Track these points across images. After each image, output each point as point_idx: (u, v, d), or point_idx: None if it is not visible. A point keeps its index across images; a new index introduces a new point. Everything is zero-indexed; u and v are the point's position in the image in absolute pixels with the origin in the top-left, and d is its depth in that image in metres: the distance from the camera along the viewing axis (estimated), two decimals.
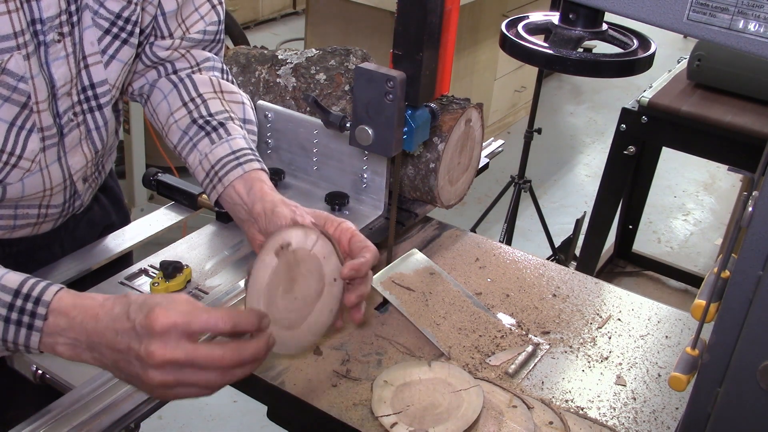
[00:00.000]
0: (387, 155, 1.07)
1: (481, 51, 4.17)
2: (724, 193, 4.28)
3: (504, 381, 1.08)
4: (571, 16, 0.90)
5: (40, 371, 1.03)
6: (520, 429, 0.99)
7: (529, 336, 1.18)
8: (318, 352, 1.11)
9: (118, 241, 1.30)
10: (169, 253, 1.28)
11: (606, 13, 0.90)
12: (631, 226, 3.13)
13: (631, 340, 1.19)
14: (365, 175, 1.39)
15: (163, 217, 1.39)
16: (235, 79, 1.28)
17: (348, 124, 1.11)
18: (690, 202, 4.19)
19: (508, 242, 3.16)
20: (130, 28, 1.07)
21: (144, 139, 3.12)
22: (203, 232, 1.35)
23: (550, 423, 1.01)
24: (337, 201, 1.39)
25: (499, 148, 1.75)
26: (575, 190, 4.19)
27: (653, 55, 0.92)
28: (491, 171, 1.78)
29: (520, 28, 0.96)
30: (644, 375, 1.12)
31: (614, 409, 1.06)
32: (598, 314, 1.24)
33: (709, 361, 0.79)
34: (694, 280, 3.08)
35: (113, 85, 1.10)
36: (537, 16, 0.98)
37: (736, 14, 0.68)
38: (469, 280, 1.30)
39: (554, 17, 0.93)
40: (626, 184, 2.78)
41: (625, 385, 1.10)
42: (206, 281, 1.22)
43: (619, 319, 1.24)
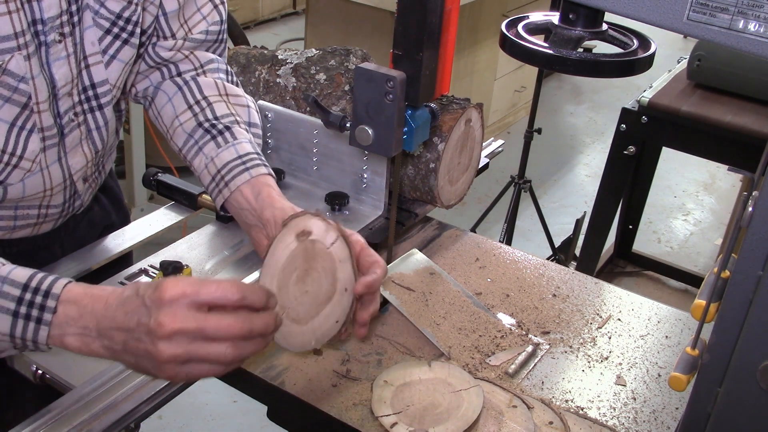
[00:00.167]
0: (387, 155, 1.07)
1: (481, 51, 4.17)
2: (724, 193, 4.28)
3: (504, 381, 1.08)
4: (571, 16, 0.90)
5: (40, 371, 1.03)
6: (520, 429, 0.99)
7: (529, 336, 1.18)
8: (318, 352, 1.11)
9: (118, 241, 1.31)
10: (169, 253, 1.28)
11: (606, 13, 0.90)
12: (631, 226, 3.13)
13: (631, 340, 1.19)
14: (365, 175, 1.39)
15: (163, 217, 1.39)
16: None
17: (348, 124, 1.11)
18: (690, 202, 4.19)
19: (508, 242, 3.16)
20: (130, 28, 1.08)
21: (144, 139, 3.12)
22: (203, 232, 1.35)
23: (550, 423, 1.01)
24: (337, 201, 1.39)
25: (499, 148, 1.75)
26: (575, 190, 4.20)
27: (653, 55, 0.92)
28: (491, 171, 1.78)
29: (520, 28, 0.96)
30: (644, 375, 1.12)
31: (614, 409, 1.06)
32: (598, 314, 1.24)
33: (709, 361, 0.79)
34: (694, 280, 3.08)
35: (114, 85, 1.10)
36: (537, 16, 0.98)
37: (736, 14, 0.68)
38: (469, 280, 1.30)
39: (554, 17, 0.93)
40: (626, 184, 2.78)
41: (625, 385, 1.10)
42: None
43: (619, 319, 1.24)
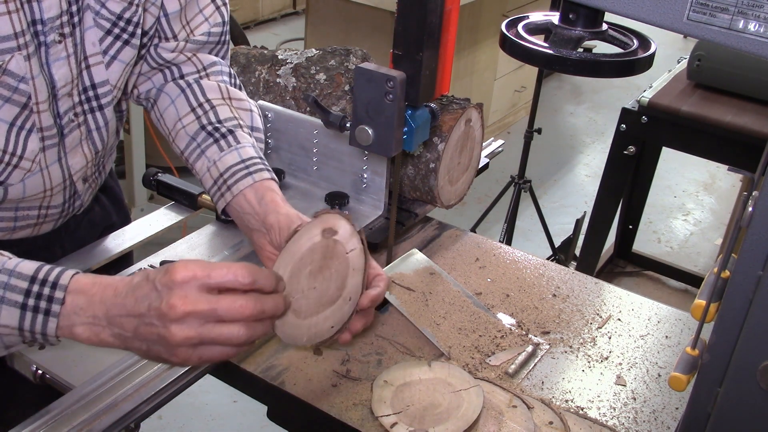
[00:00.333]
0: (387, 155, 1.07)
1: (481, 51, 4.17)
2: (724, 193, 4.28)
3: (504, 381, 1.08)
4: (571, 16, 0.90)
5: (40, 371, 1.03)
6: (520, 429, 0.99)
7: (529, 336, 1.18)
8: (318, 352, 1.11)
9: (118, 241, 1.30)
10: (169, 253, 1.28)
11: (606, 13, 0.90)
12: (631, 226, 3.13)
13: (631, 340, 1.19)
14: (365, 175, 1.39)
15: (163, 217, 1.39)
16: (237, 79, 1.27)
17: (348, 124, 1.11)
18: (690, 202, 4.19)
19: (508, 242, 3.16)
20: (131, 29, 1.07)
21: (144, 139, 3.12)
22: (203, 232, 1.35)
23: (550, 423, 1.01)
24: (337, 201, 1.39)
25: (499, 148, 1.75)
26: (575, 190, 4.20)
27: (653, 55, 0.92)
28: (491, 171, 1.78)
29: (520, 28, 0.96)
30: (644, 375, 1.12)
31: (614, 409, 1.06)
32: (598, 314, 1.24)
33: (709, 361, 0.79)
34: (694, 280, 3.08)
35: (114, 85, 1.10)
36: (537, 16, 0.98)
37: (736, 14, 0.68)
38: (469, 280, 1.30)
39: (554, 17, 0.93)
40: (626, 184, 2.78)
41: (625, 385, 1.10)
42: None
43: (619, 319, 1.24)
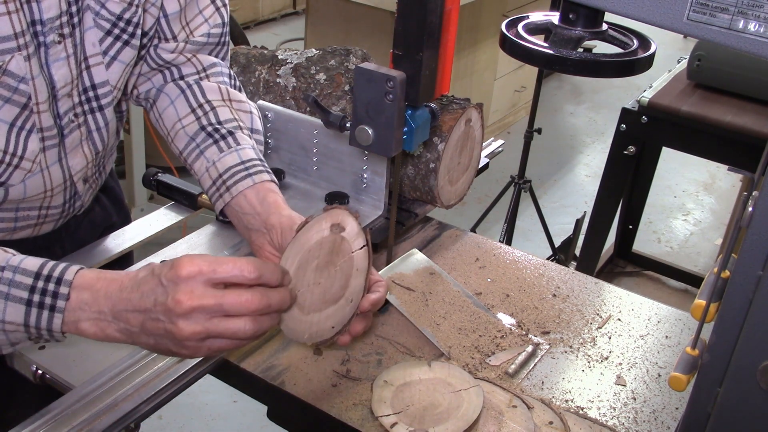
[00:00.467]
0: (387, 155, 1.07)
1: (481, 51, 4.17)
2: (724, 193, 4.28)
3: (504, 381, 1.08)
4: (571, 16, 0.90)
5: (40, 371, 1.03)
6: (520, 429, 0.99)
7: (529, 336, 1.18)
8: (318, 352, 1.11)
9: (119, 241, 1.30)
10: (169, 253, 1.28)
11: (606, 13, 0.90)
12: (631, 226, 3.13)
13: (631, 340, 1.19)
14: (365, 175, 1.39)
15: (163, 217, 1.39)
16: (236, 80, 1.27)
17: (348, 124, 1.11)
18: (690, 202, 4.19)
19: (508, 242, 3.16)
20: (131, 29, 1.07)
21: (144, 139, 3.12)
22: (203, 232, 1.35)
23: (550, 423, 1.01)
24: (337, 201, 1.39)
25: (499, 148, 1.75)
26: (575, 190, 4.19)
27: (653, 55, 0.92)
28: (491, 171, 1.78)
29: (520, 28, 0.96)
30: (644, 375, 1.12)
31: (614, 409, 1.06)
32: (598, 314, 1.24)
33: (709, 361, 0.79)
34: (694, 280, 3.08)
35: (114, 86, 1.10)
36: (537, 16, 0.98)
37: (736, 14, 0.68)
38: (469, 280, 1.30)
39: (554, 17, 0.93)
40: (626, 184, 2.78)
41: (625, 385, 1.10)
42: None
43: (619, 319, 1.24)
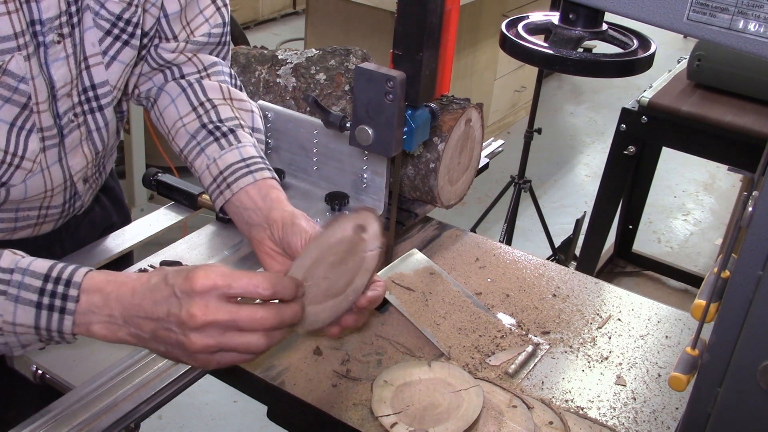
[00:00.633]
0: (387, 155, 1.07)
1: (481, 51, 4.17)
2: (724, 193, 4.28)
3: (504, 381, 1.08)
4: (571, 16, 0.90)
5: (40, 371, 1.03)
6: (520, 429, 0.99)
7: (529, 336, 1.18)
8: (318, 352, 1.11)
9: (119, 241, 1.30)
10: (169, 253, 1.28)
11: (606, 13, 0.90)
12: (631, 226, 3.13)
13: (631, 340, 1.19)
14: (365, 175, 1.39)
15: (163, 217, 1.39)
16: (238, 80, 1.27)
17: (348, 124, 1.11)
18: (690, 202, 4.19)
19: (508, 242, 3.17)
20: (131, 29, 1.07)
21: (144, 139, 3.12)
22: (203, 232, 1.35)
23: (550, 423, 1.01)
24: (337, 201, 1.39)
25: (499, 148, 1.75)
26: (575, 190, 4.19)
27: (653, 55, 0.92)
28: (491, 171, 1.78)
29: (520, 28, 0.96)
30: (644, 375, 1.12)
31: (614, 409, 1.06)
32: (598, 314, 1.24)
33: (709, 361, 0.79)
34: (694, 280, 3.08)
35: (114, 86, 1.10)
36: (537, 16, 0.98)
37: (736, 14, 0.68)
38: (469, 280, 1.30)
39: (554, 17, 0.93)
40: (626, 184, 2.78)
41: (625, 385, 1.10)
42: None
43: (619, 319, 1.24)
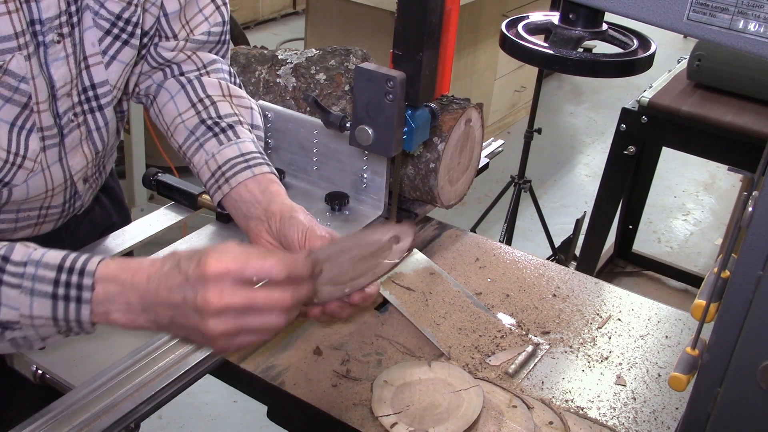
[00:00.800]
0: (387, 155, 1.07)
1: (481, 51, 4.17)
2: (724, 193, 4.28)
3: (504, 381, 1.08)
4: (571, 16, 0.90)
5: (40, 371, 1.03)
6: (520, 429, 0.99)
7: (529, 336, 1.18)
8: (318, 352, 1.11)
9: (119, 241, 1.30)
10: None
11: (606, 13, 0.90)
12: (631, 226, 3.13)
13: (631, 340, 1.19)
14: (365, 175, 1.39)
15: (163, 217, 1.39)
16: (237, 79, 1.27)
17: (348, 124, 1.11)
18: (690, 202, 4.19)
19: (508, 242, 3.17)
20: (130, 29, 1.07)
21: (144, 139, 3.12)
22: (203, 232, 1.35)
23: (550, 423, 1.01)
24: (337, 201, 1.39)
25: (499, 148, 1.75)
26: (575, 190, 4.19)
27: (653, 55, 0.92)
28: (491, 171, 1.78)
29: (520, 28, 0.96)
30: (644, 375, 1.12)
31: (614, 409, 1.06)
32: (598, 314, 1.24)
33: (709, 361, 0.79)
34: (694, 280, 3.07)
35: (114, 85, 1.10)
36: (537, 16, 0.98)
37: (736, 14, 0.68)
38: (469, 280, 1.30)
39: (554, 17, 0.93)
40: (626, 184, 2.78)
41: (625, 385, 1.10)
42: None
43: (619, 319, 1.24)
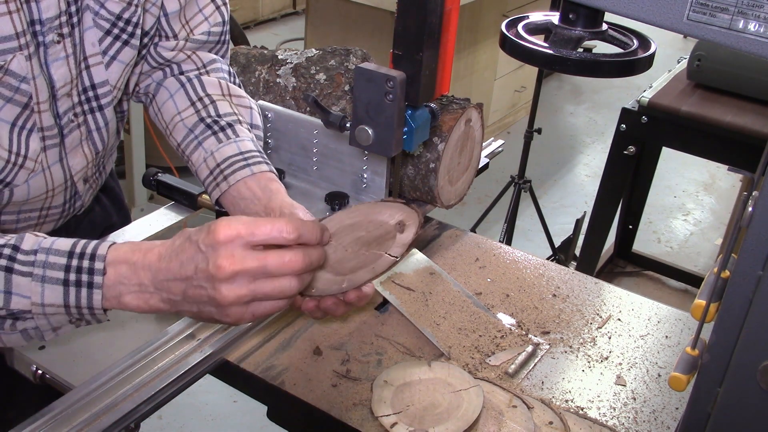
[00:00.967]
0: (387, 155, 1.07)
1: (481, 51, 4.17)
2: (724, 193, 4.28)
3: (504, 381, 1.08)
4: (571, 16, 0.90)
5: (40, 371, 1.03)
6: (520, 429, 0.99)
7: (529, 336, 1.18)
8: (318, 352, 1.11)
9: (118, 241, 1.30)
10: None
11: (606, 13, 0.90)
12: (631, 226, 3.13)
13: (631, 340, 1.19)
14: (365, 175, 1.39)
15: (163, 217, 1.39)
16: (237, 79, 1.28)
17: (348, 124, 1.11)
18: (690, 202, 4.19)
19: (508, 242, 3.16)
20: (130, 29, 1.07)
21: (144, 139, 3.13)
22: None
23: (550, 423, 1.01)
24: (337, 201, 1.39)
25: (499, 148, 1.74)
26: (575, 190, 4.19)
27: (653, 55, 0.92)
28: (491, 171, 1.77)
29: (520, 28, 0.96)
30: (644, 375, 1.12)
31: (614, 409, 1.06)
32: (598, 314, 1.24)
33: (709, 361, 0.79)
34: (694, 280, 3.07)
35: (114, 86, 1.10)
36: (537, 16, 0.98)
37: (736, 14, 0.68)
38: (469, 280, 1.30)
39: (554, 17, 0.93)
40: (626, 184, 2.78)
41: (625, 385, 1.10)
42: None
43: (619, 319, 1.24)
